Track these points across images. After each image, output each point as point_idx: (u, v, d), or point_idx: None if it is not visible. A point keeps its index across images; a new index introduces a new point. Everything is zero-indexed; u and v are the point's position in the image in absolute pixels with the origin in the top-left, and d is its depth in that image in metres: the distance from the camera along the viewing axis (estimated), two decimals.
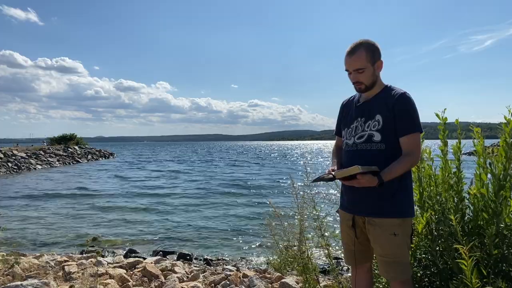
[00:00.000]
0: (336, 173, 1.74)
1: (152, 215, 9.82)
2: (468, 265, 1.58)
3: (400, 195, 1.81)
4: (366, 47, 1.81)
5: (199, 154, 57.99)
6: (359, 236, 1.95)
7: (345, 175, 1.70)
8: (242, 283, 3.63)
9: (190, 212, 10.25)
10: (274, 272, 4.04)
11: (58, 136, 41.84)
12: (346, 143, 1.98)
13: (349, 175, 1.69)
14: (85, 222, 8.94)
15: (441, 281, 2.04)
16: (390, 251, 1.80)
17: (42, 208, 10.83)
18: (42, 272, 3.88)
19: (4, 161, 24.10)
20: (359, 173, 1.65)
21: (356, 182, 1.70)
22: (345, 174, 1.70)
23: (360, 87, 1.87)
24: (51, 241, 7.14)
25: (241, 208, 10.96)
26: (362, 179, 1.67)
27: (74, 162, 32.52)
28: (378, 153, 1.81)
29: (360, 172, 1.65)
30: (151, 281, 3.70)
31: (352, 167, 1.66)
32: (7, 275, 3.63)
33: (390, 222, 1.79)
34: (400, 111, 1.78)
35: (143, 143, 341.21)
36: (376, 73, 1.85)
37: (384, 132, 1.81)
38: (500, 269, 1.88)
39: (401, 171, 1.75)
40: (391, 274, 1.83)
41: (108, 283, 3.39)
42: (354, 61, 1.82)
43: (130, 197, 13.29)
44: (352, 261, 2.04)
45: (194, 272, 4.16)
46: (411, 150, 1.76)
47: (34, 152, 29.66)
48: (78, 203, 11.67)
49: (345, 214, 2.01)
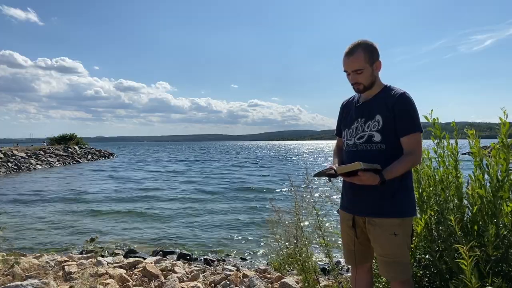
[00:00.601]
0: (337, 168, 1.75)
1: (152, 215, 9.81)
2: (468, 265, 1.58)
3: (400, 195, 1.81)
4: (364, 48, 1.81)
5: (199, 154, 57.95)
6: (359, 236, 1.95)
7: (346, 170, 1.70)
8: (242, 283, 3.63)
9: (190, 212, 10.24)
10: (274, 272, 4.04)
11: (58, 136, 41.85)
12: (347, 144, 1.99)
13: (350, 171, 1.69)
14: (84, 222, 8.93)
15: (441, 281, 2.04)
16: (390, 251, 1.81)
17: (41, 208, 10.83)
18: (42, 272, 3.88)
19: (4, 161, 24.10)
20: (360, 169, 1.65)
21: (357, 179, 1.70)
22: (346, 170, 1.70)
23: (359, 88, 1.87)
24: (50, 241, 7.14)
25: (241, 208, 10.96)
26: (364, 176, 1.67)
27: (74, 162, 32.52)
28: (378, 154, 1.81)
29: (361, 169, 1.65)
30: (151, 281, 3.71)
31: (354, 163, 1.66)
32: (7, 275, 3.63)
33: (390, 222, 1.79)
34: (400, 111, 1.78)
35: (143, 143, 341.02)
36: (374, 73, 1.85)
37: (384, 133, 1.81)
38: (500, 269, 1.89)
39: (402, 170, 1.75)
40: (391, 274, 1.83)
41: (108, 283, 3.39)
42: (352, 62, 1.82)
43: (130, 197, 13.28)
44: (352, 261, 2.04)
45: (194, 272, 4.17)
46: (412, 149, 1.76)
47: (34, 152, 29.66)
48: (78, 203, 11.67)
49: (345, 214, 2.02)
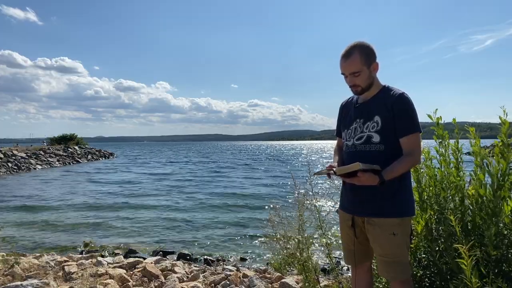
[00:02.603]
0: (337, 169, 1.74)
1: (152, 216, 9.81)
2: (468, 264, 1.58)
3: (400, 195, 1.81)
4: (361, 50, 1.81)
5: (200, 155, 57.95)
6: (359, 236, 1.96)
7: (346, 171, 1.70)
8: (242, 283, 3.63)
9: (190, 213, 10.25)
10: (274, 272, 4.04)
11: (58, 136, 41.83)
12: (346, 144, 1.99)
13: (350, 172, 1.69)
14: (84, 222, 8.91)
15: (441, 281, 2.04)
16: (390, 251, 1.81)
17: (41, 208, 10.82)
18: (42, 272, 3.88)
19: (4, 161, 24.09)
20: (359, 170, 1.65)
21: (357, 179, 1.70)
22: (346, 171, 1.70)
23: (356, 90, 1.88)
24: (50, 241, 7.13)
25: (240, 208, 10.97)
26: (363, 177, 1.68)
27: (74, 162, 32.51)
28: (377, 154, 1.81)
29: (360, 169, 1.65)
30: (151, 281, 3.71)
31: (353, 164, 1.66)
32: (7, 275, 3.63)
33: (390, 222, 1.79)
34: (399, 111, 1.78)
35: (143, 143, 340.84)
36: (372, 75, 1.85)
37: (383, 133, 1.81)
38: (500, 269, 1.88)
39: (402, 170, 1.75)
40: (391, 274, 1.83)
41: (108, 283, 3.39)
42: (349, 64, 1.82)
43: (130, 197, 13.28)
44: (352, 260, 2.04)
45: (194, 272, 4.17)
46: (412, 150, 1.77)
47: (34, 152, 29.65)
48: (77, 204, 11.66)
49: (344, 214, 2.02)
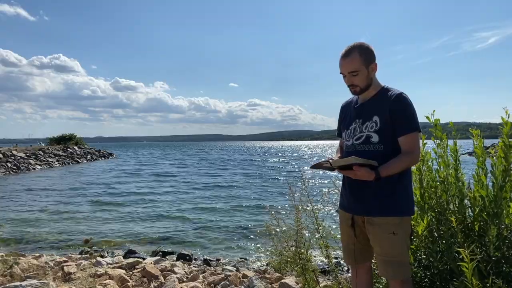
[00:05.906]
0: (333, 161, 1.76)
1: (152, 216, 9.79)
2: (469, 267, 1.57)
3: (399, 195, 1.82)
4: (360, 50, 1.83)
5: (200, 155, 57.95)
6: (359, 235, 1.96)
7: (341, 164, 1.72)
8: (242, 284, 3.63)
9: (190, 213, 10.23)
10: (274, 273, 4.03)
11: (57, 136, 41.73)
12: (346, 145, 2.01)
13: (346, 165, 1.70)
14: (84, 222, 8.90)
15: (442, 282, 2.04)
16: (390, 251, 1.81)
17: (41, 208, 10.80)
18: (41, 272, 3.87)
19: (3, 161, 24.05)
20: (355, 164, 1.66)
21: (352, 173, 1.73)
22: (341, 163, 1.72)
23: (355, 90, 1.90)
24: (50, 241, 7.12)
25: (240, 208, 10.95)
26: (359, 171, 1.70)
27: (74, 162, 32.44)
28: (376, 154, 1.81)
29: (356, 163, 1.66)
30: (150, 282, 3.70)
31: (349, 157, 1.69)
32: (6, 275, 3.62)
33: (389, 221, 1.80)
34: (397, 111, 1.79)
35: (143, 143, 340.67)
36: (370, 75, 1.87)
37: (382, 133, 1.82)
38: (500, 270, 1.88)
39: (399, 168, 1.76)
40: (391, 273, 1.83)
41: (107, 283, 3.38)
42: (348, 64, 1.84)
43: (130, 197, 13.27)
44: (352, 260, 2.05)
45: (193, 272, 4.16)
46: (410, 149, 1.77)
47: (34, 152, 29.60)
48: (78, 203, 11.65)
49: (344, 213, 2.03)
